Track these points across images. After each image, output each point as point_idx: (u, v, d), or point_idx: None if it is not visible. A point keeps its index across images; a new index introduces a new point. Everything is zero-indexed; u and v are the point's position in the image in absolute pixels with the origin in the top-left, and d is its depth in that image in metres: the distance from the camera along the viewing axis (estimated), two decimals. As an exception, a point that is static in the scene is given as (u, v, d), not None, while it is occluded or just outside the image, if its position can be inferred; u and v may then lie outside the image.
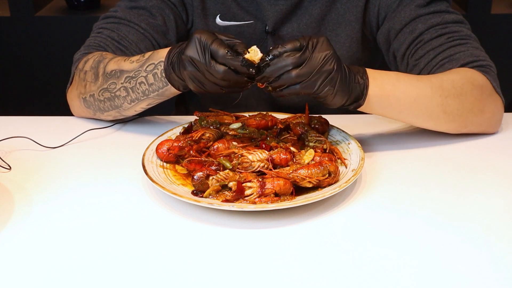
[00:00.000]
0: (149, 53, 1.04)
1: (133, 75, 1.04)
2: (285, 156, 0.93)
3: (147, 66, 1.02)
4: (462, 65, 1.07)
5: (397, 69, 1.21)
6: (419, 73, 1.12)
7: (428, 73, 1.10)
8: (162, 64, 0.99)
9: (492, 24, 2.26)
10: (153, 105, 1.08)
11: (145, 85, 1.03)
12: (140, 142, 1.08)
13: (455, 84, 1.02)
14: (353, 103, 0.96)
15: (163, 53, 1.00)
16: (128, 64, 1.06)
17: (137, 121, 1.19)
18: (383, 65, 1.32)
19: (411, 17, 1.15)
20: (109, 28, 1.19)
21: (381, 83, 0.97)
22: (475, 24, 2.25)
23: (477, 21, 2.23)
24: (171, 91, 1.02)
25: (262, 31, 1.23)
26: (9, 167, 1.01)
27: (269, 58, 0.88)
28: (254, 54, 0.89)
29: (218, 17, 1.24)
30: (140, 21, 1.19)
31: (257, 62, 0.89)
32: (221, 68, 0.89)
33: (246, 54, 0.89)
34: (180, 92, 1.02)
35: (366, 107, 0.97)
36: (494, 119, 1.09)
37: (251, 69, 0.88)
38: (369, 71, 0.97)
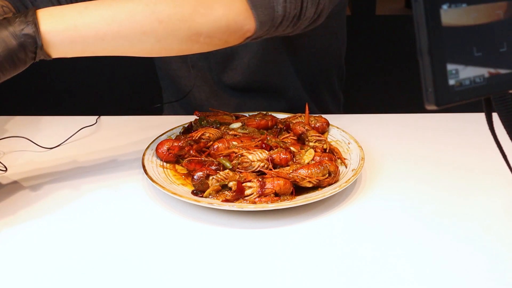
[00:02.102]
0: None
1: None
2: (285, 156, 0.93)
3: None
4: None
5: None
6: None
7: None
8: None
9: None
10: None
11: None
12: (140, 142, 1.08)
13: None
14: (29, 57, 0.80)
15: None
16: None
17: (137, 121, 1.19)
18: None
19: None
20: None
21: (61, 17, 0.80)
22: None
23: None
24: None
25: None
26: (5, 168, 1.01)
27: None
28: None
29: None
30: None
31: None
32: None
33: None
34: None
35: (54, 49, 0.82)
36: (235, 13, 0.90)
37: None
38: (45, 10, 0.81)
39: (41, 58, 0.81)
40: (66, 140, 1.10)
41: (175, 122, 1.12)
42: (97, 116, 1.21)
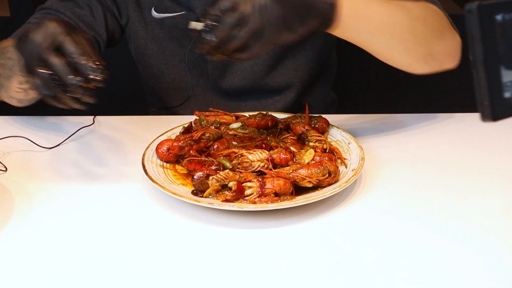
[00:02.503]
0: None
1: None
2: (285, 156, 0.93)
3: None
4: None
5: None
6: None
7: None
8: None
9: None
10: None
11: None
12: (140, 142, 1.08)
13: (419, 7, 1.01)
14: (323, 24, 0.88)
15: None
16: None
17: (137, 121, 1.19)
18: None
19: None
20: (38, 17, 1.20)
21: (353, 1, 0.91)
22: None
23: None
24: None
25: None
26: (5, 168, 1.00)
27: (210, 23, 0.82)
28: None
29: (153, 9, 1.24)
30: (65, 10, 1.19)
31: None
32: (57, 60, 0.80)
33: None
34: None
35: (339, 28, 0.91)
36: (454, 46, 1.06)
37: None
38: None
39: (322, 29, 0.90)
40: (65, 140, 1.10)
41: (175, 122, 1.12)
42: (93, 116, 1.21)
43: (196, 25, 0.83)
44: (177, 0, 1.23)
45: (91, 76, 0.80)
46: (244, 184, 0.86)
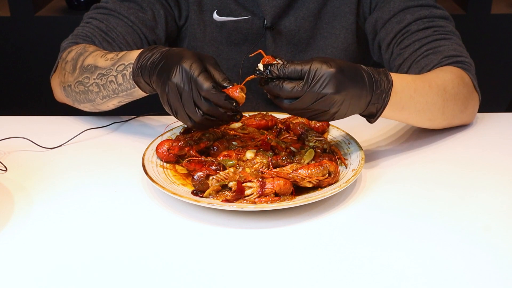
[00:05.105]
0: (123, 52, 1.04)
1: (105, 73, 1.04)
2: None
3: (118, 66, 1.02)
4: (445, 57, 1.10)
5: (380, 58, 1.24)
6: (402, 62, 1.16)
7: (412, 63, 1.14)
8: (131, 66, 0.99)
9: (492, 24, 2.26)
10: (125, 103, 1.08)
11: (114, 84, 1.03)
12: (140, 142, 1.08)
13: (454, 85, 1.05)
14: (378, 100, 0.93)
15: (134, 54, 1.00)
16: (103, 61, 1.05)
17: (137, 121, 1.19)
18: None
19: (400, 8, 1.19)
20: (98, 18, 1.20)
21: (400, 99, 0.96)
22: (475, 24, 2.24)
23: (477, 21, 2.24)
24: (139, 93, 1.02)
25: (260, 27, 1.24)
26: (5, 168, 1.00)
27: (271, 68, 0.87)
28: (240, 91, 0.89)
29: (215, 12, 1.25)
30: (130, 14, 1.20)
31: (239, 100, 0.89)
32: (206, 104, 0.88)
33: (230, 89, 0.88)
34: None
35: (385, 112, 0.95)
36: (473, 113, 1.14)
37: (234, 104, 0.88)
38: (392, 75, 0.95)
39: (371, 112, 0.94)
40: (68, 141, 1.10)
41: (175, 122, 1.12)
42: (107, 121, 1.21)
43: (261, 68, 0.88)
44: (243, 5, 1.24)
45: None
46: (244, 184, 0.86)
